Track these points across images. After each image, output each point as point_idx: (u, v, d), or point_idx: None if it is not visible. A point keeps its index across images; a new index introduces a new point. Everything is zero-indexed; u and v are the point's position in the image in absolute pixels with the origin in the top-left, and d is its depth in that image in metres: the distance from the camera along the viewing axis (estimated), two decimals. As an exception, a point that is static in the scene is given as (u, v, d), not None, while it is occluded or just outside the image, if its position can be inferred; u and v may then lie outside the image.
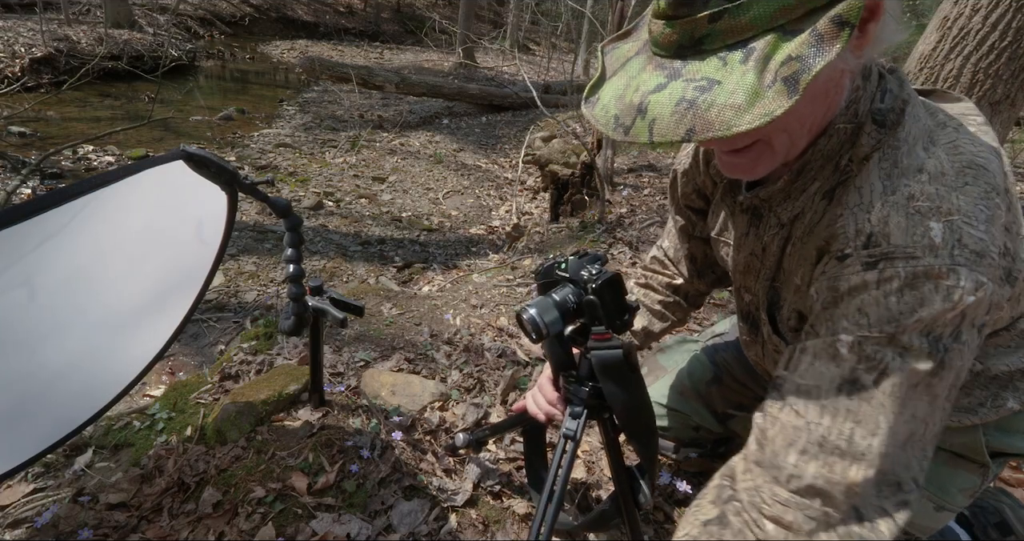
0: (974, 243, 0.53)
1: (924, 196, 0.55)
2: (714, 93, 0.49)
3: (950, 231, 0.53)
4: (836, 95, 0.58)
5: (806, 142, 0.62)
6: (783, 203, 0.68)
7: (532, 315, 0.78)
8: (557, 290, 0.81)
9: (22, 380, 0.95)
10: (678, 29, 0.52)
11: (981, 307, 0.54)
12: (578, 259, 0.82)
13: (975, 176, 0.57)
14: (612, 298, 0.78)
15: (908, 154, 0.58)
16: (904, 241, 0.54)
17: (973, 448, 0.82)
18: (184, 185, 0.90)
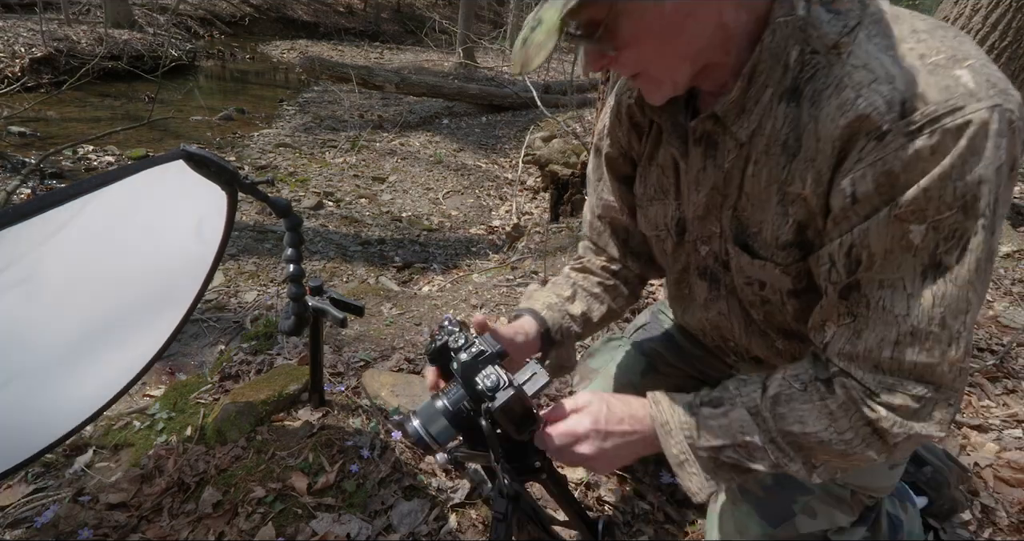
0: (999, 80, 0.52)
1: (934, 51, 0.53)
2: (535, 32, 0.54)
3: (976, 73, 0.52)
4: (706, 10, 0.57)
5: (696, 65, 0.62)
6: (738, 119, 0.65)
7: (415, 428, 0.71)
8: (448, 392, 0.73)
9: (21, 379, 0.95)
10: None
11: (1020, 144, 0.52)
12: (472, 358, 0.71)
13: (955, 31, 0.56)
14: (514, 416, 0.70)
15: (896, 20, 0.57)
16: (942, 96, 0.51)
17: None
18: (184, 185, 0.90)
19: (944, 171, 0.51)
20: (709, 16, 0.58)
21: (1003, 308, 2.34)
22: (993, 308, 2.35)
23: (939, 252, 0.54)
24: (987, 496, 1.33)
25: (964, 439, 1.54)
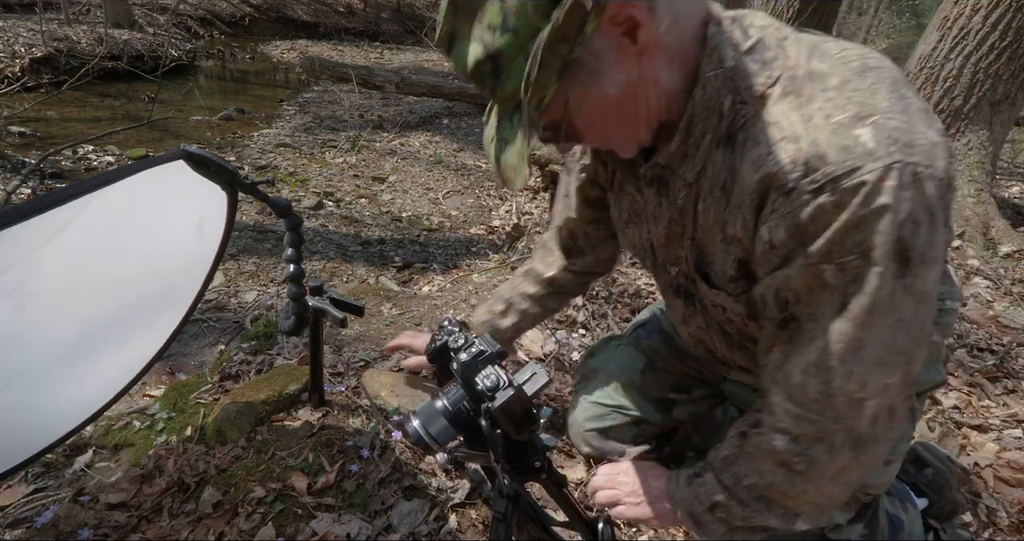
0: (901, 134, 0.54)
1: (840, 109, 0.57)
2: (507, 153, 0.60)
3: (877, 130, 0.55)
4: (638, 83, 0.62)
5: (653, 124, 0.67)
6: (683, 164, 0.69)
7: (415, 428, 0.71)
8: (448, 392, 0.73)
9: (21, 379, 0.95)
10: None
11: (932, 193, 0.55)
12: (472, 358, 0.71)
13: (876, 75, 0.58)
14: (514, 416, 0.70)
15: (809, 78, 0.60)
16: (841, 157, 0.55)
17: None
18: (184, 185, 0.90)
19: (843, 224, 0.56)
20: (649, 85, 0.63)
21: (1003, 308, 2.34)
22: (993, 308, 2.35)
23: (847, 292, 0.59)
24: (987, 496, 1.33)
25: (964, 439, 1.54)
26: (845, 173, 0.55)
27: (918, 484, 1.19)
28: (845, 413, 0.64)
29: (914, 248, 0.56)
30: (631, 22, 0.57)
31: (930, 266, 0.58)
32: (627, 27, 0.57)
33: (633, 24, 0.57)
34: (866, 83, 0.58)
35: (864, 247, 0.56)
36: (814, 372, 0.64)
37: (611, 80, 0.60)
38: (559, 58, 0.54)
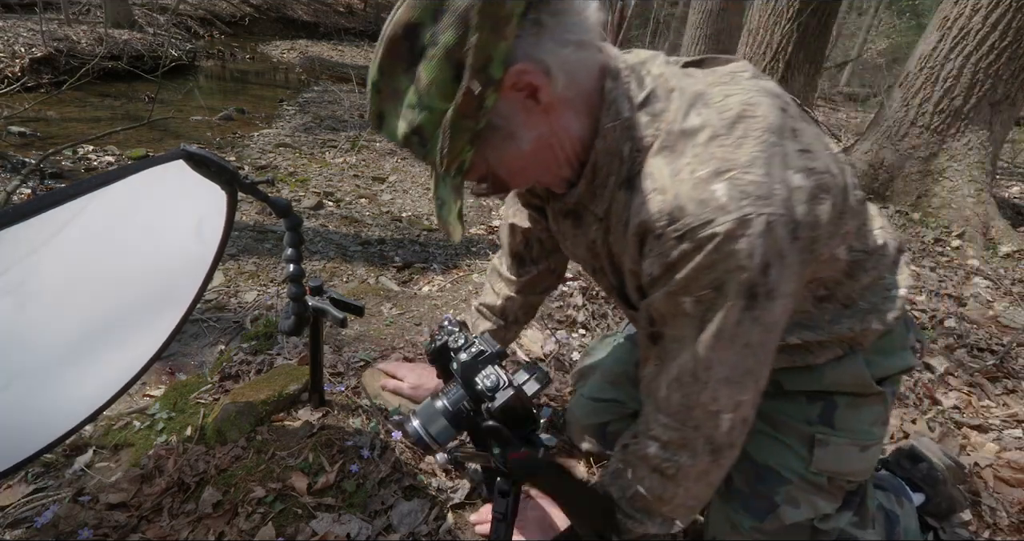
0: (756, 188, 0.61)
1: (703, 165, 0.64)
2: (443, 211, 0.69)
3: (732, 186, 0.62)
4: (549, 135, 0.70)
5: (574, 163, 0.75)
6: (592, 201, 0.78)
7: (415, 428, 0.71)
8: (448, 392, 0.73)
9: (20, 379, 0.95)
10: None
11: (783, 237, 0.63)
12: (472, 358, 0.72)
13: (746, 126, 0.65)
14: (514, 416, 0.70)
15: (682, 134, 0.67)
16: (697, 210, 0.63)
17: (862, 382, 0.89)
18: (184, 185, 0.90)
19: (699, 265, 0.64)
20: (561, 134, 0.71)
21: (1003, 308, 2.34)
22: (993, 308, 2.35)
23: (704, 319, 0.68)
24: (987, 496, 1.33)
25: (964, 439, 1.54)
26: (701, 225, 0.63)
27: (913, 479, 1.20)
28: (703, 423, 0.74)
29: (762, 286, 0.64)
30: (530, 87, 0.64)
31: (777, 300, 0.66)
32: (528, 91, 0.65)
33: (533, 88, 0.64)
34: (733, 137, 0.65)
35: (716, 284, 0.65)
36: (676, 387, 0.74)
37: (523, 138, 0.68)
38: (467, 131, 0.63)
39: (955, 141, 3.29)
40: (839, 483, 0.92)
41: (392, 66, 0.63)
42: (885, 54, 15.56)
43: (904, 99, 3.39)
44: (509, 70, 0.61)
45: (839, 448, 0.90)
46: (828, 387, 0.91)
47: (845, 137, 6.13)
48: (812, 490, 0.92)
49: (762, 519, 0.92)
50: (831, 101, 10.05)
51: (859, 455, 0.91)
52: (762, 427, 0.94)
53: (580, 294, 2.00)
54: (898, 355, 0.91)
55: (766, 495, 0.93)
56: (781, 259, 0.63)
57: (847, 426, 0.91)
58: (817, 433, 0.90)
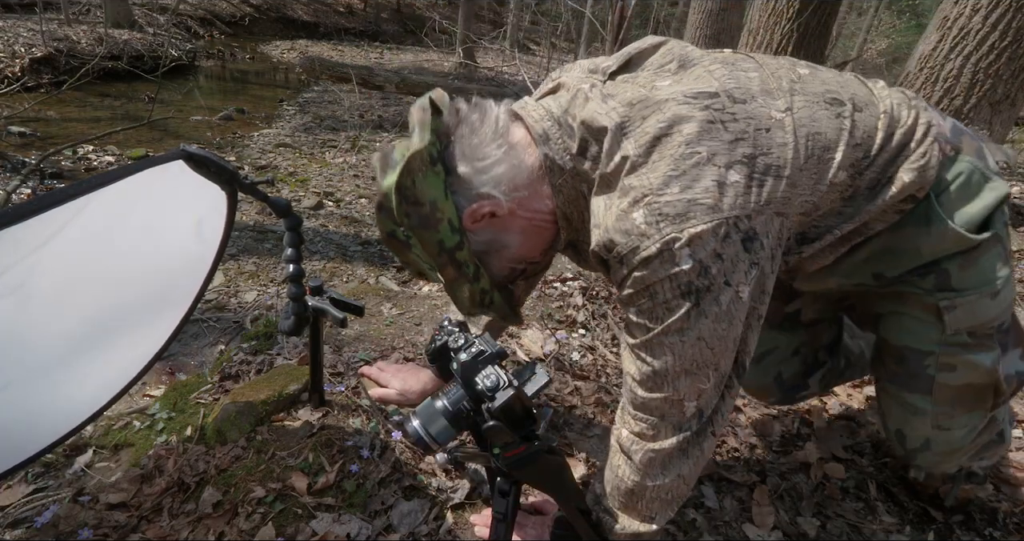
0: (671, 208, 0.68)
1: (623, 194, 0.71)
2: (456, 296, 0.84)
3: (649, 211, 0.68)
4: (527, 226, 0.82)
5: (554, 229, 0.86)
6: (579, 237, 0.87)
7: (415, 428, 0.72)
8: (448, 392, 0.73)
9: (21, 380, 0.95)
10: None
11: (713, 241, 0.68)
12: (472, 358, 0.72)
13: (661, 147, 0.70)
14: (514, 416, 0.71)
15: (612, 174, 0.74)
16: (623, 239, 0.71)
17: (958, 239, 0.85)
18: (184, 185, 0.90)
19: (635, 281, 0.72)
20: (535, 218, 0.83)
21: (1003, 308, 2.34)
22: (993, 308, 2.34)
23: (649, 325, 0.75)
24: (989, 495, 1.33)
25: (964, 439, 1.53)
26: (630, 251, 0.70)
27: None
28: (667, 412, 0.79)
29: (702, 286, 0.70)
30: (485, 216, 0.77)
31: (723, 293, 0.71)
32: (485, 220, 0.78)
33: (488, 215, 0.77)
34: (650, 162, 0.70)
35: (652, 294, 0.72)
36: (637, 385, 0.80)
37: (510, 242, 0.82)
38: (465, 283, 0.81)
39: (955, 141, 3.29)
40: (985, 331, 0.91)
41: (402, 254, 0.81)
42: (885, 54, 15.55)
43: (904, 99, 3.39)
44: (463, 218, 0.76)
45: (968, 306, 0.88)
46: (930, 258, 0.87)
47: (845, 137, 6.13)
48: (960, 350, 0.92)
49: (929, 392, 0.94)
50: (831, 101, 10.03)
51: (992, 303, 0.89)
52: (887, 307, 0.96)
53: (580, 294, 2.00)
54: (984, 191, 0.85)
55: (917, 372, 0.95)
56: (717, 258, 0.69)
57: (968, 284, 0.88)
58: (940, 301, 0.89)
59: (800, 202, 0.76)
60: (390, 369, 1.39)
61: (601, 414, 1.48)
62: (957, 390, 0.94)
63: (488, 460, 0.92)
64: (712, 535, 1.17)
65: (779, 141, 0.72)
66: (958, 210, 0.84)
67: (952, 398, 0.95)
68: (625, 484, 0.85)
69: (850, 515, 1.26)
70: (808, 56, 5.85)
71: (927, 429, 0.98)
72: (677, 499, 0.87)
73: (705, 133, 0.69)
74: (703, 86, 0.74)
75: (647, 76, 0.79)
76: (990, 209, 0.85)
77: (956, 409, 0.96)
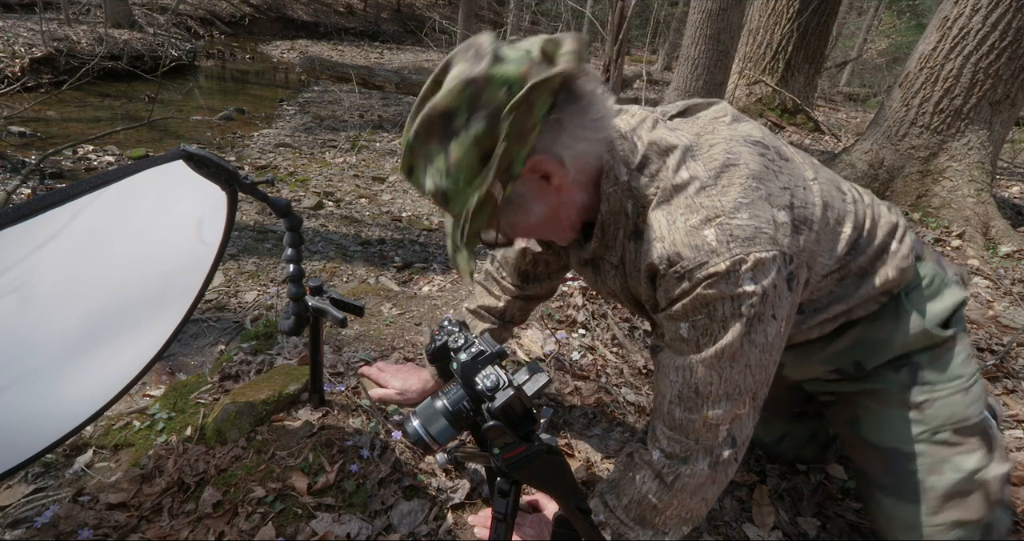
0: (741, 231, 0.72)
1: (695, 214, 0.74)
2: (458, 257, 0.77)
3: (720, 231, 0.72)
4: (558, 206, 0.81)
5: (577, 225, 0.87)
6: (607, 253, 0.89)
7: (415, 428, 0.72)
8: (448, 392, 0.73)
9: (21, 380, 0.95)
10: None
11: (771, 270, 0.72)
12: (472, 358, 0.72)
13: (729, 175, 0.75)
14: (514, 416, 0.70)
15: (675, 189, 0.77)
16: (692, 255, 0.73)
17: (927, 334, 0.94)
18: (184, 185, 0.90)
19: (696, 297, 0.74)
20: (569, 206, 0.82)
21: (1003, 308, 2.34)
22: (993, 308, 2.35)
23: (700, 342, 0.77)
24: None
25: (964, 439, 1.53)
26: (696, 267, 0.73)
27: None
28: (702, 435, 0.80)
29: (757, 313, 0.73)
30: (545, 172, 0.75)
31: (772, 324, 0.75)
32: (542, 174, 0.76)
33: (547, 174, 0.75)
34: (719, 186, 0.75)
35: (711, 313, 0.74)
36: (677, 402, 0.81)
37: (534, 210, 0.80)
38: (487, 213, 0.73)
39: (955, 141, 3.29)
40: (964, 431, 0.94)
41: (428, 136, 0.71)
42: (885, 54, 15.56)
43: (904, 99, 3.39)
44: (526, 162, 0.71)
45: (944, 401, 0.94)
46: (901, 351, 0.96)
47: (845, 137, 6.13)
48: (944, 451, 0.94)
49: (919, 501, 0.95)
50: (831, 101, 10.05)
51: (965, 398, 0.94)
52: (868, 408, 1.00)
53: (580, 294, 2.00)
54: (944, 293, 0.96)
55: (907, 477, 0.95)
56: (773, 288, 0.73)
57: (939, 379, 0.95)
58: (916, 397, 0.95)
59: (821, 263, 0.84)
60: (390, 369, 1.40)
61: (601, 414, 1.48)
62: (945, 496, 0.93)
63: (488, 460, 0.92)
64: (712, 535, 1.17)
65: (811, 200, 0.81)
66: (924, 307, 0.95)
67: (941, 505, 0.94)
68: (649, 501, 0.86)
69: (850, 515, 1.26)
70: (808, 56, 5.86)
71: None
72: (694, 518, 0.88)
73: (764, 173, 0.76)
74: (757, 136, 0.82)
75: (705, 121, 0.86)
76: (951, 310, 0.95)
77: (948, 519, 0.94)
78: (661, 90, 8.28)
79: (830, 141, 5.94)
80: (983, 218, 3.20)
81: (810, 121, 6.16)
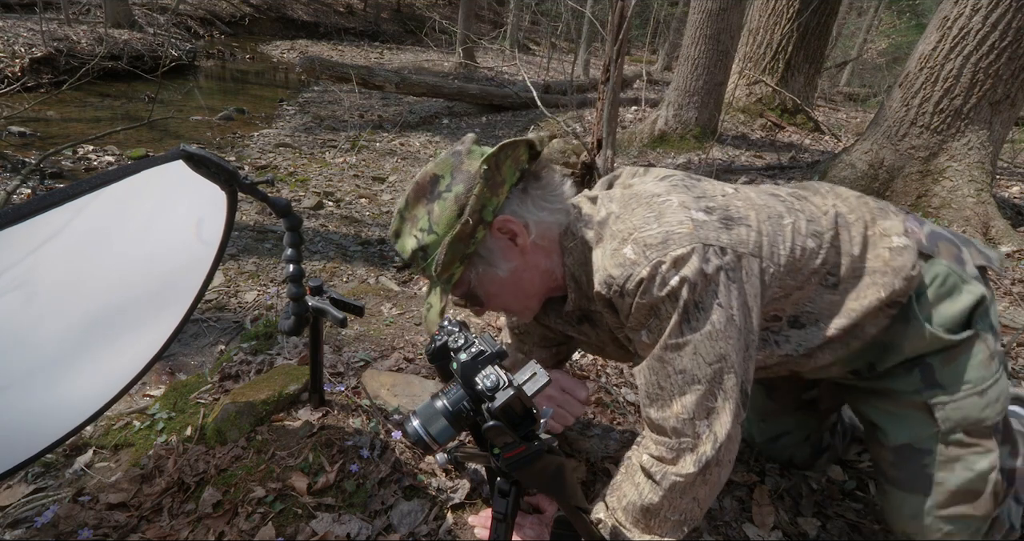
0: (653, 239, 0.81)
1: (613, 239, 0.85)
2: (431, 312, 0.88)
3: (635, 245, 0.81)
4: (523, 269, 0.91)
5: (541, 297, 0.99)
6: (590, 304, 0.95)
7: (415, 428, 0.72)
8: (448, 392, 0.73)
9: (21, 380, 0.95)
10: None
11: (696, 262, 0.78)
12: (472, 358, 0.72)
13: (636, 200, 0.87)
14: (514, 416, 0.70)
15: (600, 226, 0.89)
16: (620, 272, 0.82)
17: (936, 338, 0.92)
18: (184, 185, 0.90)
19: (637, 307, 0.82)
20: (533, 270, 0.93)
21: (1003, 308, 2.34)
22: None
23: (653, 341, 0.83)
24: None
25: (964, 439, 1.53)
26: (626, 280, 0.81)
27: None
28: (681, 431, 0.83)
29: (688, 301, 0.79)
30: (511, 232, 0.88)
31: (713, 310, 0.79)
32: (510, 235, 0.88)
33: (513, 234, 0.88)
34: (629, 210, 0.86)
35: (654, 312, 0.81)
36: (650, 403, 0.86)
37: (502, 267, 0.90)
38: (460, 252, 0.84)
39: (955, 141, 3.28)
40: (980, 430, 0.93)
41: (417, 200, 0.86)
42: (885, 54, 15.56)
43: (904, 99, 3.38)
44: (497, 217, 0.85)
45: (958, 403, 0.92)
46: (911, 354, 0.94)
47: (845, 137, 6.13)
48: (956, 449, 0.94)
49: (928, 493, 0.95)
50: (831, 101, 10.05)
51: (980, 401, 0.92)
52: (881, 407, 1.00)
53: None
54: (962, 292, 0.92)
55: (918, 472, 0.96)
56: (703, 277, 0.79)
57: (952, 381, 0.93)
58: (928, 399, 0.94)
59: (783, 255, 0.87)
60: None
61: (601, 414, 1.48)
62: (954, 494, 0.94)
63: (488, 460, 0.92)
64: (712, 535, 1.17)
65: (737, 204, 0.88)
66: (935, 310, 0.92)
67: (954, 499, 0.95)
68: (644, 502, 0.88)
69: (850, 515, 1.26)
70: (808, 56, 5.86)
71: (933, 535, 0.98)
72: (689, 522, 0.90)
73: (673, 189, 0.87)
74: (665, 173, 0.96)
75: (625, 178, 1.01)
76: (968, 310, 0.92)
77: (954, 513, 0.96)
78: (661, 90, 8.28)
79: (830, 141, 5.94)
80: (983, 218, 3.20)
81: (810, 121, 6.16)
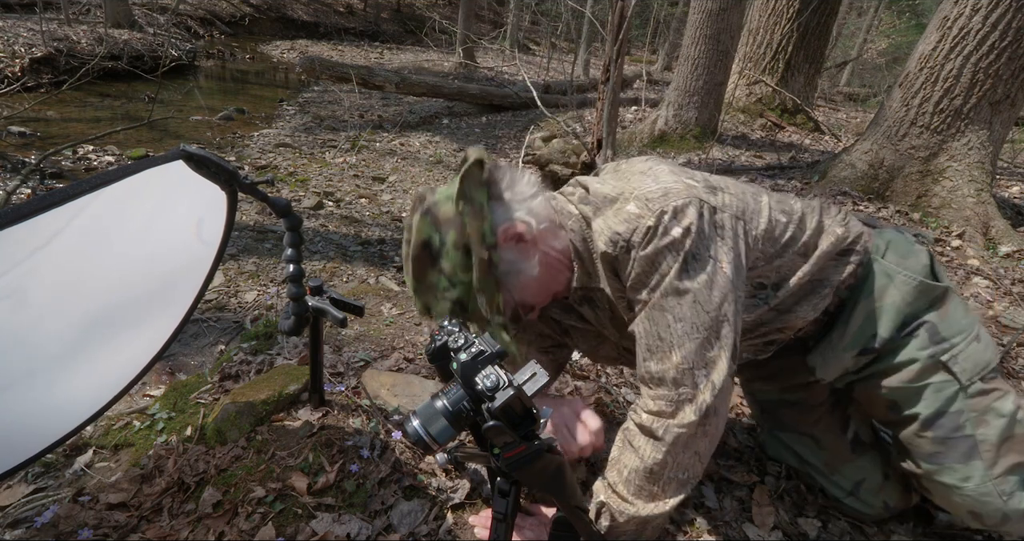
0: (653, 194, 0.87)
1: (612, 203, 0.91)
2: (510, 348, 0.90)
3: (638, 201, 0.87)
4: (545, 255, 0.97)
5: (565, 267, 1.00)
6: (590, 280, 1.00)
7: (415, 428, 0.71)
8: (448, 392, 0.73)
9: (21, 381, 0.95)
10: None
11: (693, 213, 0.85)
12: (472, 358, 0.72)
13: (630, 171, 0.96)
14: (514, 416, 0.70)
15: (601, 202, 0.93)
16: (625, 227, 0.87)
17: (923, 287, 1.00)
18: (184, 185, 0.90)
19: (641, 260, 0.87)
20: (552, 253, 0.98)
21: (1003, 308, 2.34)
22: (993, 308, 2.35)
23: (653, 293, 0.87)
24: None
25: (964, 439, 1.53)
26: (632, 233, 0.86)
27: None
28: (681, 382, 0.86)
29: (688, 249, 0.84)
30: (516, 236, 0.93)
31: (707, 261, 0.85)
32: (516, 238, 0.93)
33: (517, 235, 0.93)
34: (624, 180, 0.93)
35: (656, 263, 0.85)
36: (649, 356, 0.88)
37: (530, 267, 0.94)
38: (492, 283, 0.88)
39: (955, 141, 3.28)
40: (990, 377, 0.99)
41: (423, 272, 0.90)
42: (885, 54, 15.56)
43: (904, 99, 3.38)
44: (497, 232, 0.89)
45: (966, 353, 0.99)
46: (908, 310, 1.01)
47: (845, 137, 6.13)
48: (981, 400, 0.98)
49: (977, 457, 0.98)
50: (831, 101, 10.05)
51: (980, 345, 1.01)
52: (902, 388, 1.03)
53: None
54: (915, 252, 1.05)
55: (959, 438, 0.99)
56: (700, 230, 0.84)
57: (955, 331, 1.00)
58: (941, 357, 0.99)
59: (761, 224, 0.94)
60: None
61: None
62: (999, 444, 0.97)
63: (488, 460, 0.92)
64: (712, 535, 1.17)
65: (717, 179, 0.95)
66: (904, 264, 1.02)
67: (998, 456, 0.97)
68: (646, 464, 0.89)
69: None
70: (808, 56, 5.86)
71: (995, 500, 0.97)
72: (691, 479, 0.90)
73: (659, 161, 0.96)
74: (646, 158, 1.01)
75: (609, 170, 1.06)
76: (929, 265, 1.03)
77: (1007, 465, 0.97)
78: (661, 90, 8.28)
79: (830, 141, 5.94)
80: (983, 218, 3.20)
81: (810, 121, 6.16)
